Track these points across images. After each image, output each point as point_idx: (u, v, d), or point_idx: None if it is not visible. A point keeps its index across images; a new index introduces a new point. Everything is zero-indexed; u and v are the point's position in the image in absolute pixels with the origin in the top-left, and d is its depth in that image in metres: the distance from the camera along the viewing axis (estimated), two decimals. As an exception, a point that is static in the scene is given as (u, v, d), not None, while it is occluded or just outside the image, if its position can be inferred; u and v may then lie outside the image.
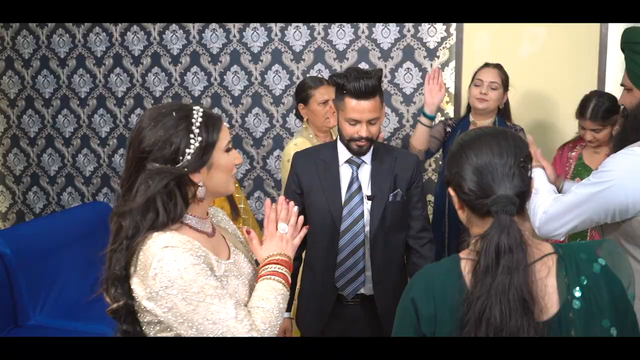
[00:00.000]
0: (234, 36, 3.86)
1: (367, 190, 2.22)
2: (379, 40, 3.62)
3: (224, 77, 3.92)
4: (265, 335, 1.38)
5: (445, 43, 3.52)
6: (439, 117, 3.58)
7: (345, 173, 2.25)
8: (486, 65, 2.95)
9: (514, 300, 1.17)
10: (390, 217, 2.22)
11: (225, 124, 1.50)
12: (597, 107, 2.72)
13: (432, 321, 1.26)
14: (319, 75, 3.64)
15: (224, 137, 1.47)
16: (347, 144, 2.20)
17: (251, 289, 1.51)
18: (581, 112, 2.78)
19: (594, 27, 3.28)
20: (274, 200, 2.80)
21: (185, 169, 1.39)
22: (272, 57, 3.80)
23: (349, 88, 2.10)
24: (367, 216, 2.21)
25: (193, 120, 1.41)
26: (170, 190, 1.39)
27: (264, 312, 1.42)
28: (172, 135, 1.38)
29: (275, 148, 3.91)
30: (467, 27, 3.46)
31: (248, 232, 1.59)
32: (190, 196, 1.44)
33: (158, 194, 1.37)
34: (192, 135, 1.40)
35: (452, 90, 3.53)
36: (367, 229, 2.21)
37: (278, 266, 1.53)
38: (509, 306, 1.17)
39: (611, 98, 2.77)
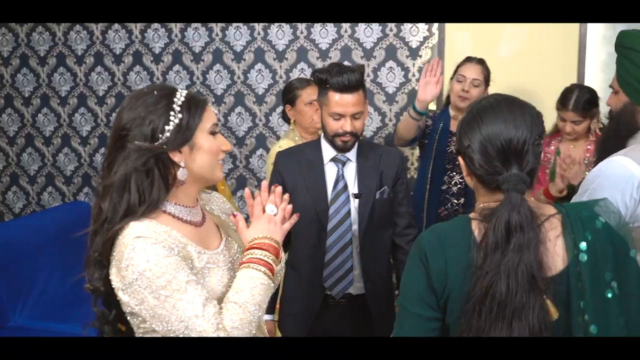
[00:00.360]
0: (217, 35, 3.85)
1: (353, 188, 2.22)
2: (361, 39, 3.63)
3: (207, 75, 3.90)
4: (234, 335, 1.29)
5: (428, 42, 3.54)
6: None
7: (330, 171, 2.24)
8: (469, 59, 2.93)
9: (522, 277, 1.19)
10: (377, 214, 2.21)
11: (212, 108, 1.46)
12: (578, 98, 2.76)
13: (443, 276, 1.27)
14: (302, 75, 3.64)
15: (208, 118, 1.42)
16: (332, 140, 2.19)
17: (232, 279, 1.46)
18: (563, 103, 2.81)
19: (573, 27, 3.32)
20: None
21: (165, 147, 1.35)
22: (255, 56, 3.80)
23: (333, 82, 2.10)
24: (354, 214, 2.20)
25: (175, 99, 1.38)
26: (149, 169, 1.35)
27: (236, 307, 1.33)
28: (151, 112, 1.36)
29: (258, 147, 3.90)
30: (449, 26, 3.48)
31: (234, 215, 1.52)
32: (170, 179, 1.39)
33: (135, 171, 1.34)
34: (172, 113, 1.36)
35: (434, 89, 3.55)
36: (355, 227, 2.20)
37: (262, 252, 1.41)
38: (516, 282, 1.19)
39: (591, 91, 2.82)
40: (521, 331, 1.19)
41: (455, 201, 2.91)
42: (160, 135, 1.35)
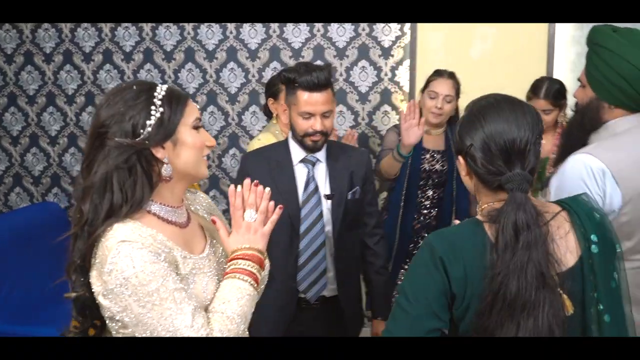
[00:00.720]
0: (189, 33, 3.81)
1: (324, 190, 2.19)
2: (334, 38, 3.63)
3: (178, 74, 3.87)
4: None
5: (400, 42, 3.56)
6: (392, 121, 3.62)
7: (300, 173, 2.21)
8: (440, 74, 2.90)
9: (531, 275, 1.20)
10: (350, 215, 2.20)
11: (193, 102, 1.41)
12: (549, 88, 2.85)
13: (463, 282, 1.26)
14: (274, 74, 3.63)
15: (191, 112, 1.38)
16: (301, 140, 2.17)
17: (218, 282, 1.42)
18: (534, 92, 2.88)
19: (542, 28, 3.37)
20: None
21: (146, 142, 1.30)
22: (227, 54, 3.77)
23: (302, 81, 2.07)
24: (326, 216, 2.17)
25: (155, 94, 1.33)
26: (132, 166, 1.30)
27: (224, 318, 1.31)
28: (130, 108, 1.31)
29: (231, 146, 3.87)
30: (421, 26, 3.50)
31: (214, 222, 1.47)
32: (154, 177, 1.34)
33: (116, 169, 1.28)
34: (152, 107, 1.32)
35: (406, 89, 3.57)
36: (328, 228, 2.18)
37: (246, 262, 1.38)
38: (525, 281, 1.20)
39: (561, 83, 2.91)
40: (528, 330, 1.20)
41: (428, 214, 2.92)
42: (142, 131, 1.30)
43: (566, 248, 1.28)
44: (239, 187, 1.47)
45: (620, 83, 1.71)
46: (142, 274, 1.23)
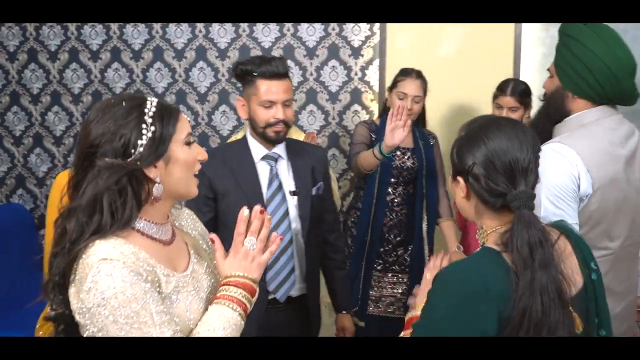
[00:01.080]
0: (157, 32, 3.77)
1: (288, 186, 2.17)
2: (304, 38, 3.63)
3: (147, 74, 3.82)
4: None
5: (369, 42, 3.58)
6: (361, 116, 3.64)
7: (262, 170, 2.16)
8: (407, 74, 2.89)
9: (553, 293, 1.20)
10: (315, 211, 2.19)
11: (185, 116, 1.37)
12: (516, 86, 2.93)
13: (496, 316, 1.20)
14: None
15: (183, 128, 1.33)
16: (263, 132, 2.11)
17: (206, 300, 1.37)
18: (501, 89, 2.95)
19: (508, 28, 3.43)
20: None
21: (138, 163, 1.25)
22: (197, 54, 3.74)
23: (261, 71, 2.05)
24: (292, 213, 2.15)
25: (146, 110, 1.27)
26: (122, 188, 1.25)
27: None
28: (121, 126, 1.25)
29: (202, 146, 3.82)
30: (390, 26, 3.53)
31: (212, 241, 1.42)
32: (143, 196, 1.29)
33: (107, 191, 1.23)
34: (144, 126, 1.26)
35: (376, 88, 3.59)
36: (294, 225, 2.15)
37: (237, 290, 1.34)
38: (548, 299, 1.19)
39: (526, 84, 3.00)
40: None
41: (400, 211, 2.94)
42: (133, 151, 1.25)
43: (573, 270, 1.29)
44: (247, 211, 1.42)
45: (585, 74, 1.76)
46: (122, 295, 1.18)
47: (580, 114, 1.82)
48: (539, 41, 3.47)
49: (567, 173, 1.72)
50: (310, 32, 3.62)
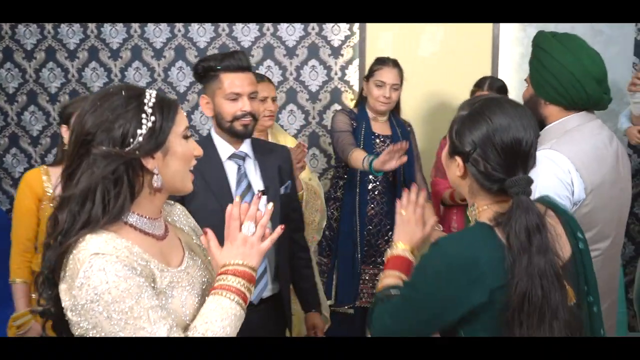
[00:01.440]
0: (135, 31, 3.74)
1: (256, 186, 2.13)
2: (284, 37, 3.63)
3: (125, 72, 3.79)
4: None
5: (349, 41, 3.59)
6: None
7: (230, 170, 2.12)
8: (384, 62, 2.92)
9: (552, 276, 1.22)
10: (284, 210, 2.15)
11: (182, 110, 1.35)
12: (493, 82, 3.02)
13: (483, 285, 1.24)
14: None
15: (181, 121, 1.30)
16: (230, 127, 2.07)
17: (201, 297, 1.33)
18: (478, 85, 3.02)
19: (487, 28, 3.47)
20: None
21: (137, 152, 1.22)
22: (176, 53, 3.72)
23: (225, 64, 2.03)
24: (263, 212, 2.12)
25: (145, 100, 1.25)
26: (118, 178, 1.21)
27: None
28: (120, 115, 1.22)
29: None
30: (370, 26, 3.54)
31: (205, 233, 1.37)
32: (137, 188, 1.25)
33: (102, 180, 1.20)
34: (143, 115, 1.23)
35: (356, 88, 3.60)
36: None
37: (236, 279, 1.28)
38: (548, 283, 1.22)
39: (503, 82, 3.10)
40: (560, 329, 1.23)
41: (381, 199, 2.96)
42: (132, 140, 1.22)
43: (563, 241, 1.33)
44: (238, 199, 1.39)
45: (552, 81, 1.85)
46: (116, 290, 1.15)
47: (562, 120, 1.89)
48: (516, 41, 3.51)
49: (559, 180, 1.77)
50: (290, 31, 3.62)
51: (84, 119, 1.24)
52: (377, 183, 2.94)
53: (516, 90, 3.48)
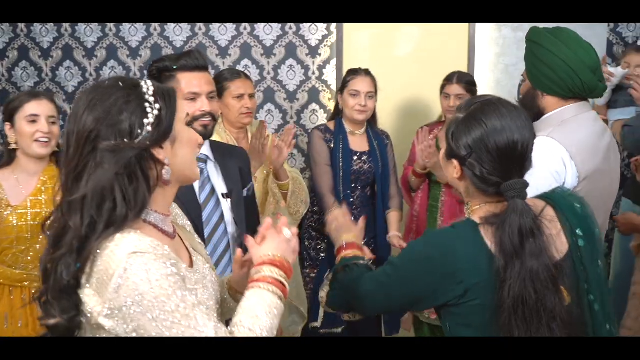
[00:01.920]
0: (110, 30, 3.70)
1: (220, 189, 2.07)
2: (261, 37, 3.62)
3: (100, 72, 3.75)
4: None
5: (327, 41, 3.59)
6: (320, 120, 3.64)
7: None
8: (356, 72, 2.92)
9: (546, 279, 1.23)
10: (247, 213, 2.11)
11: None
12: (462, 76, 3.03)
13: (456, 278, 1.28)
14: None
15: (182, 107, 1.26)
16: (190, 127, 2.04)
17: (215, 300, 1.30)
18: (448, 79, 3.03)
19: (463, 28, 3.50)
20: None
21: (148, 142, 1.16)
22: (152, 53, 3.68)
23: (182, 64, 1.95)
24: (227, 216, 2.04)
25: (145, 90, 1.20)
26: (132, 172, 1.15)
27: (251, 335, 1.16)
28: (123, 107, 1.16)
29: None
30: (347, 26, 3.55)
31: (245, 238, 1.34)
32: (153, 181, 1.19)
33: (116, 177, 1.13)
34: (147, 105, 1.18)
35: (334, 87, 3.60)
36: (230, 230, 2.05)
37: (277, 270, 1.24)
38: (541, 285, 1.23)
39: (471, 75, 3.16)
40: (560, 330, 1.24)
41: (358, 214, 2.93)
42: (140, 131, 1.16)
43: (559, 239, 1.33)
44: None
45: (548, 72, 1.91)
46: (160, 289, 1.08)
47: (559, 110, 1.94)
48: (492, 41, 3.55)
49: (550, 173, 1.81)
50: (267, 31, 3.61)
51: (82, 117, 1.16)
52: (355, 197, 2.94)
53: (492, 90, 3.52)
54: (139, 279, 1.08)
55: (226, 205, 2.03)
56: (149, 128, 1.17)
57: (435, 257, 1.31)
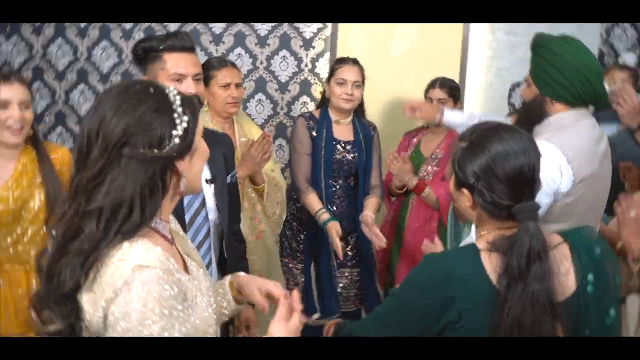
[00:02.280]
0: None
1: (203, 175, 1.96)
2: (256, 26, 3.61)
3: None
4: None
5: (321, 34, 3.59)
6: (310, 107, 3.64)
7: None
8: (343, 61, 2.90)
9: (544, 304, 1.23)
10: (230, 200, 2.10)
11: None
12: (445, 81, 3.05)
13: (451, 305, 1.28)
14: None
15: (201, 119, 1.25)
16: None
17: (212, 308, 1.28)
18: (430, 84, 3.06)
19: (457, 29, 3.51)
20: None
21: (174, 154, 1.15)
22: (145, 35, 3.66)
23: (168, 44, 1.92)
24: (210, 203, 2.03)
25: (172, 99, 1.18)
26: (155, 183, 1.14)
27: None
28: (155, 116, 1.14)
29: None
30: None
31: (285, 296, 1.30)
32: (170, 192, 1.19)
33: (141, 187, 1.12)
34: (175, 115, 1.16)
35: (326, 81, 3.60)
36: (211, 216, 2.03)
37: None
38: (540, 310, 1.23)
39: (454, 81, 3.17)
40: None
41: (341, 204, 2.94)
42: (168, 142, 1.14)
43: (566, 278, 1.32)
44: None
45: (560, 78, 1.91)
46: (151, 312, 1.07)
47: (559, 116, 1.96)
48: (486, 44, 3.56)
49: (544, 176, 1.80)
50: (263, 20, 3.60)
51: (110, 121, 1.13)
52: (338, 187, 2.93)
53: (484, 92, 3.54)
54: (137, 295, 1.07)
55: (209, 191, 2.01)
56: (177, 140, 1.16)
57: (435, 282, 1.31)
